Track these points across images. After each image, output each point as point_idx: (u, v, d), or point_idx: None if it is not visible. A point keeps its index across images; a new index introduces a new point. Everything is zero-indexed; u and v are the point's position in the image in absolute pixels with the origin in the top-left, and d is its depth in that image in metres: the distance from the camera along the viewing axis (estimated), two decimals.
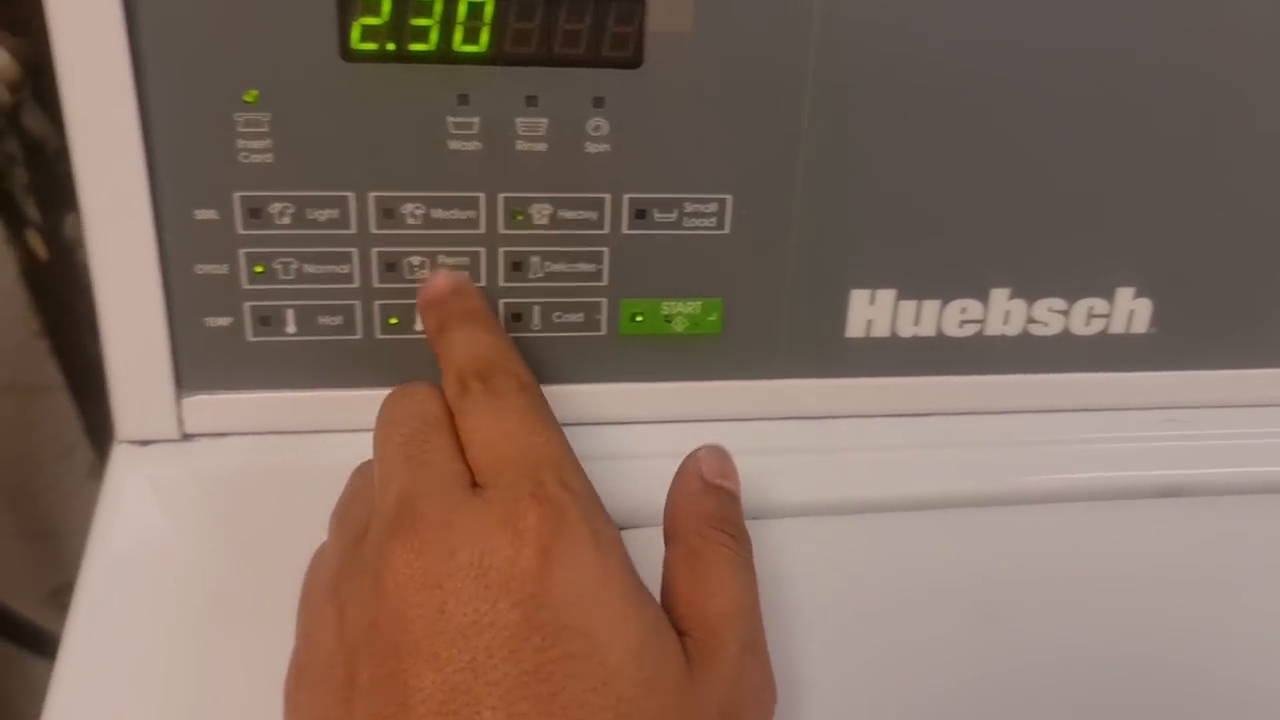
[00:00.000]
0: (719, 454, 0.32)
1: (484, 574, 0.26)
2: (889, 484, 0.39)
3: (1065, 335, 0.40)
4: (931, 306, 0.39)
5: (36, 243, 0.61)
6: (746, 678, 0.28)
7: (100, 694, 0.31)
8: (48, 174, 0.58)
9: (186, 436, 0.37)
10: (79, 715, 0.30)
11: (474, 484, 0.28)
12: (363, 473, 0.32)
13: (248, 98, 0.33)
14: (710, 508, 0.31)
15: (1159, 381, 0.41)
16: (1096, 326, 0.40)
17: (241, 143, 0.33)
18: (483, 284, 0.36)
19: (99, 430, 0.73)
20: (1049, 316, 0.40)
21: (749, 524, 0.37)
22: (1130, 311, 0.40)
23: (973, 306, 0.39)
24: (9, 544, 0.81)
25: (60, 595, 0.86)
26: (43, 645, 0.78)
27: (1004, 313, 0.40)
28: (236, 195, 0.34)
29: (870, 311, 0.39)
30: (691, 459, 0.32)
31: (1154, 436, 0.42)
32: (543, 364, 0.38)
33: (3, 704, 0.87)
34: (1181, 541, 0.38)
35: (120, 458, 0.37)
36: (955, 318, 0.39)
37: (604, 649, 0.25)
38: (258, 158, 0.34)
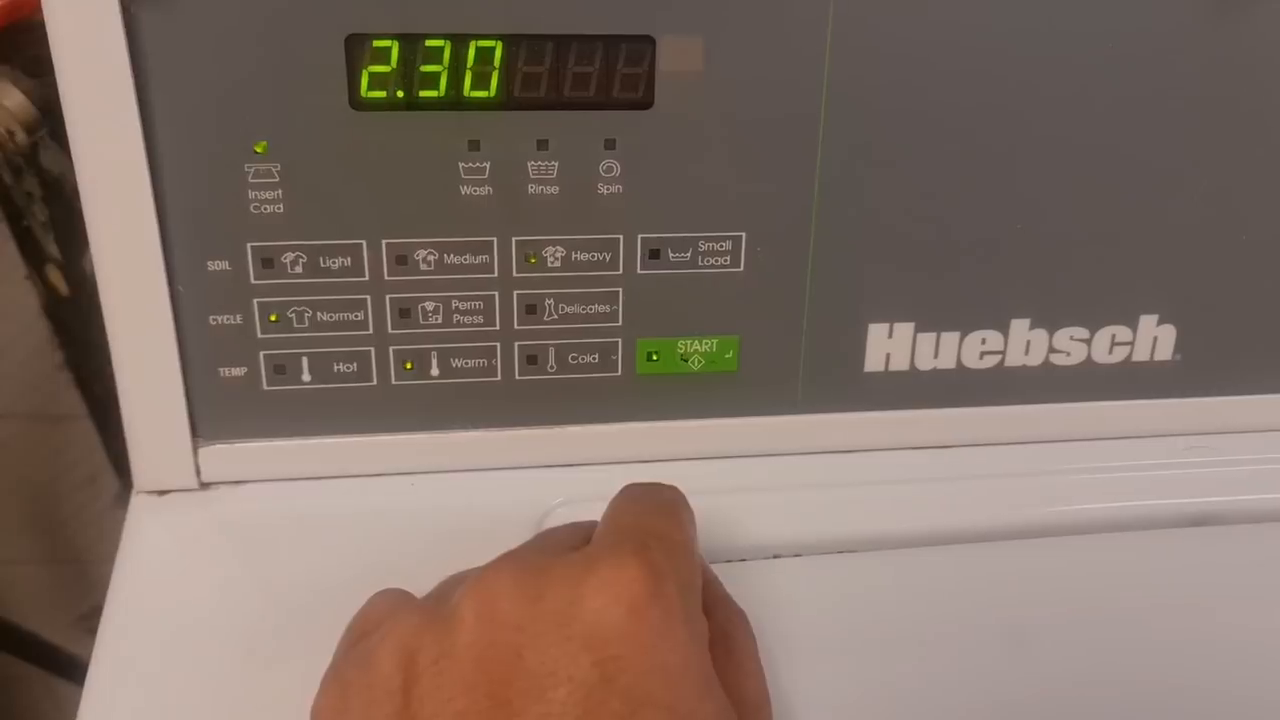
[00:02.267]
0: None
1: (567, 624, 0.25)
2: (912, 518, 0.39)
3: (1088, 364, 0.40)
4: (951, 339, 0.39)
5: (57, 278, 0.61)
6: None
7: None
8: (66, 211, 0.58)
9: (204, 485, 0.37)
10: None
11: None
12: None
13: (258, 148, 0.33)
14: (723, 592, 0.32)
15: (1184, 409, 0.41)
16: (1120, 355, 0.40)
17: (253, 193, 0.33)
18: (496, 327, 0.36)
19: (122, 458, 0.73)
20: (1071, 345, 0.39)
21: (771, 561, 0.37)
22: (1154, 339, 0.40)
23: (993, 338, 0.39)
24: (37, 571, 0.82)
25: (88, 620, 0.87)
26: (71, 669, 0.79)
27: (1025, 343, 0.39)
28: (249, 245, 0.34)
29: (888, 345, 0.38)
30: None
31: (1179, 464, 0.41)
32: (559, 405, 0.38)
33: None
34: (1209, 570, 0.38)
35: (139, 507, 0.37)
36: (975, 349, 0.39)
37: None
38: (269, 208, 0.34)
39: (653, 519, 0.29)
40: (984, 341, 0.39)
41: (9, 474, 0.76)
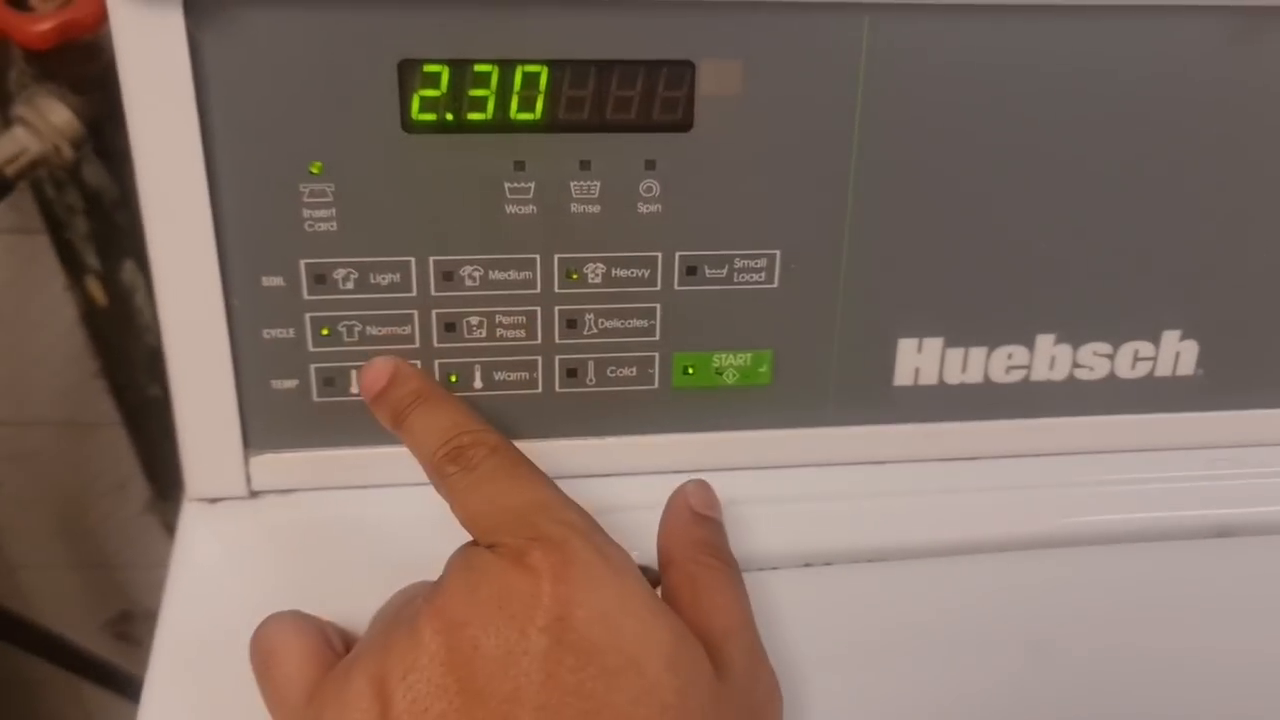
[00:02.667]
0: (704, 487, 0.35)
1: (506, 605, 0.27)
2: (940, 528, 0.40)
3: (1111, 378, 0.41)
4: (978, 354, 0.40)
5: (96, 289, 0.63)
6: (757, 684, 0.30)
7: None
8: (107, 223, 0.59)
9: (254, 494, 0.38)
10: None
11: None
12: None
13: (313, 169, 0.34)
14: (701, 535, 0.33)
15: (1206, 422, 0.42)
16: (1143, 369, 0.41)
17: (307, 212, 0.35)
18: (538, 341, 0.37)
19: (153, 465, 0.75)
20: (1095, 360, 0.40)
21: (802, 570, 0.38)
22: (1176, 354, 0.41)
23: (1019, 353, 0.40)
24: (66, 575, 0.83)
25: (115, 625, 0.88)
26: (98, 673, 0.80)
27: (1050, 358, 0.40)
28: (302, 262, 0.35)
29: (918, 360, 0.39)
30: (679, 493, 0.35)
31: (1202, 477, 0.42)
32: (597, 417, 0.39)
33: None
34: (1232, 582, 0.39)
35: (190, 515, 0.38)
36: (1002, 364, 0.40)
37: (639, 661, 0.27)
38: (322, 226, 0.35)
39: (512, 493, 0.30)
40: (1010, 356, 0.40)
41: (41, 480, 0.78)
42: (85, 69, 0.51)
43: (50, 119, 0.52)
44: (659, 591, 0.31)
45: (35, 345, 0.70)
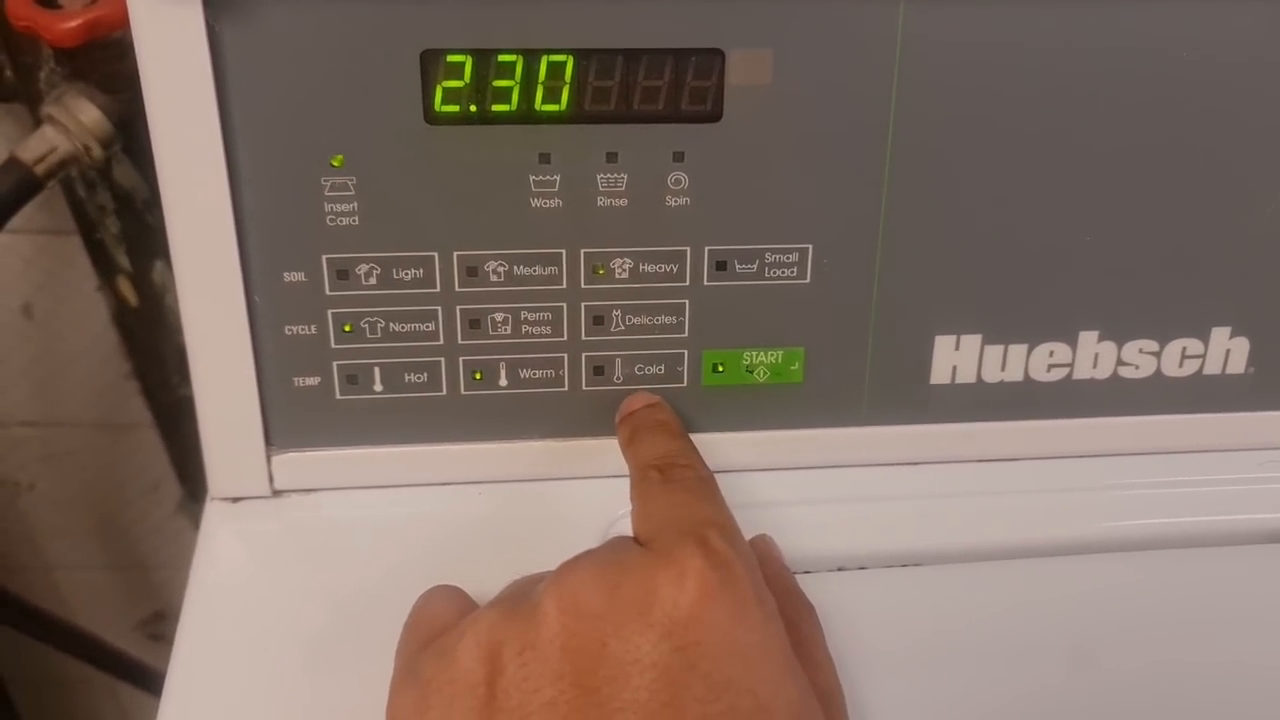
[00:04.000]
0: (773, 543, 0.35)
1: (647, 611, 0.25)
2: (978, 532, 0.38)
3: (1157, 377, 0.39)
4: (1018, 351, 0.38)
5: (127, 289, 0.63)
6: None
7: None
8: (137, 223, 0.59)
9: (277, 493, 0.38)
10: None
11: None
12: None
13: (334, 162, 0.34)
14: (792, 584, 0.32)
15: (1257, 423, 0.40)
16: (1190, 368, 0.39)
17: (329, 206, 0.34)
18: (564, 338, 0.37)
19: (185, 466, 0.75)
20: (1140, 358, 0.39)
21: (835, 574, 0.37)
22: (1226, 351, 0.39)
23: (1061, 350, 0.39)
24: (100, 576, 0.84)
25: (149, 625, 0.88)
26: (133, 673, 0.80)
27: (1093, 355, 0.39)
28: (324, 257, 0.35)
29: (955, 358, 0.38)
30: (760, 543, 0.34)
31: (1254, 479, 0.40)
32: None
33: None
34: None
35: (213, 514, 0.37)
36: (1043, 362, 0.39)
37: (768, 709, 0.25)
38: (344, 220, 0.34)
39: (697, 505, 0.30)
40: (1052, 354, 0.39)
41: (75, 480, 0.78)
42: (114, 67, 0.51)
43: (79, 118, 0.52)
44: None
45: (69, 346, 0.70)
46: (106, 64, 0.51)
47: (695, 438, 0.38)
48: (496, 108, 0.33)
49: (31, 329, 0.69)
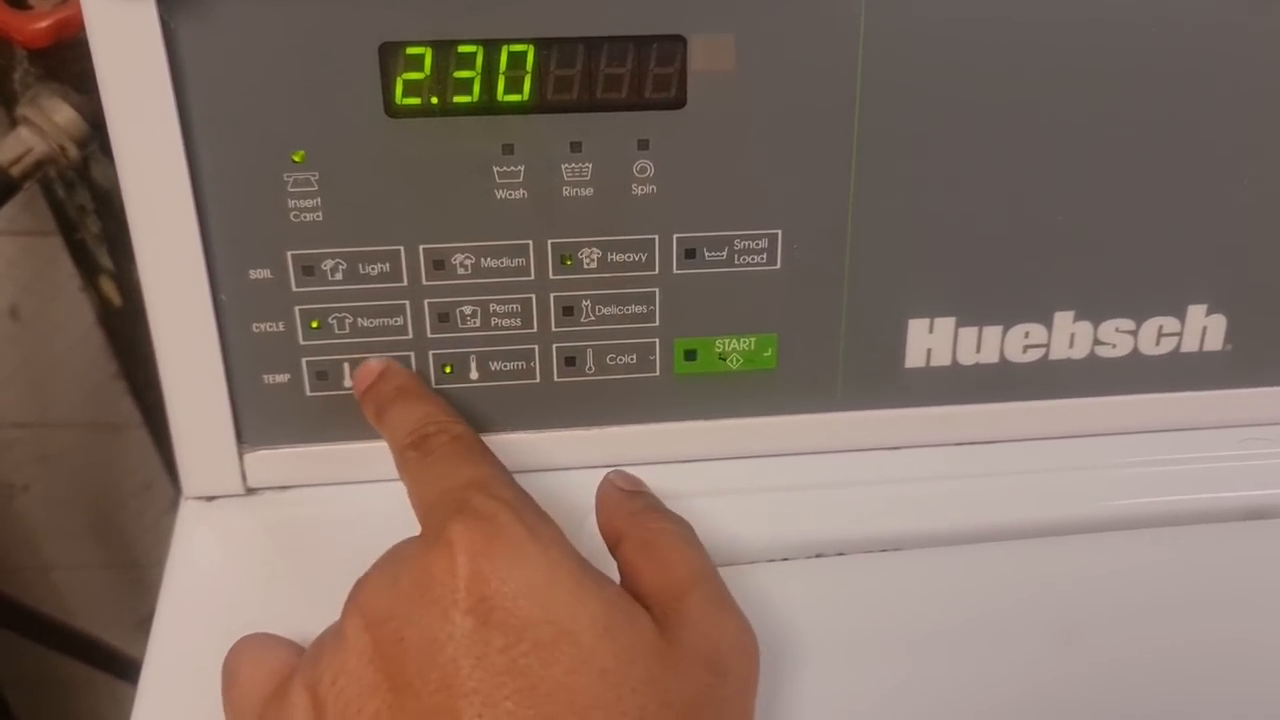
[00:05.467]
0: (625, 473, 0.35)
1: (427, 592, 0.26)
2: (956, 515, 0.38)
3: (1135, 356, 0.39)
4: (993, 333, 0.38)
5: (110, 289, 0.63)
6: (723, 629, 0.29)
7: None
8: (118, 223, 0.59)
9: (250, 490, 0.38)
10: None
11: None
12: None
13: (296, 158, 0.33)
14: (640, 505, 0.33)
15: (1236, 400, 0.40)
16: (1167, 346, 0.39)
17: (292, 202, 0.34)
18: (534, 330, 0.36)
19: (176, 465, 0.75)
20: (1117, 337, 0.39)
21: (814, 561, 0.37)
22: (1203, 329, 0.39)
23: (1036, 331, 0.38)
24: (98, 575, 0.84)
25: (148, 623, 0.88)
26: (133, 672, 0.80)
27: (1069, 336, 0.38)
28: (289, 254, 0.34)
29: (929, 340, 0.38)
30: (604, 481, 0.34)
31: (1233, 456, 0.40)
32: (598, 406, 0.38)
33: None
34: (1266, 566, 0.37)
35: (187, 513, 0.37)
36: (1018, 343, 0.38)
37: (572, 631, 0.26)
38: (308, 216, 0.34)
39: (453, 471, 0.30)
40: (1027, 335, 0.38)
41: (68, 482, 0.78)
42: (87, 66, 0.51)
43: (54, 118, 0.52)
44: (618, 578, 0.30)
45: (57, 347, 0.70)
46: (78, 63, 0.51)
47: (669, 427, 0.38)
48: (458, 99, 0.33)
49: (19, 331, 0.69)
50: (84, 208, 0.59)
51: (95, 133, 0.53)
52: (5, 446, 0.76)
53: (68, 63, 0.52)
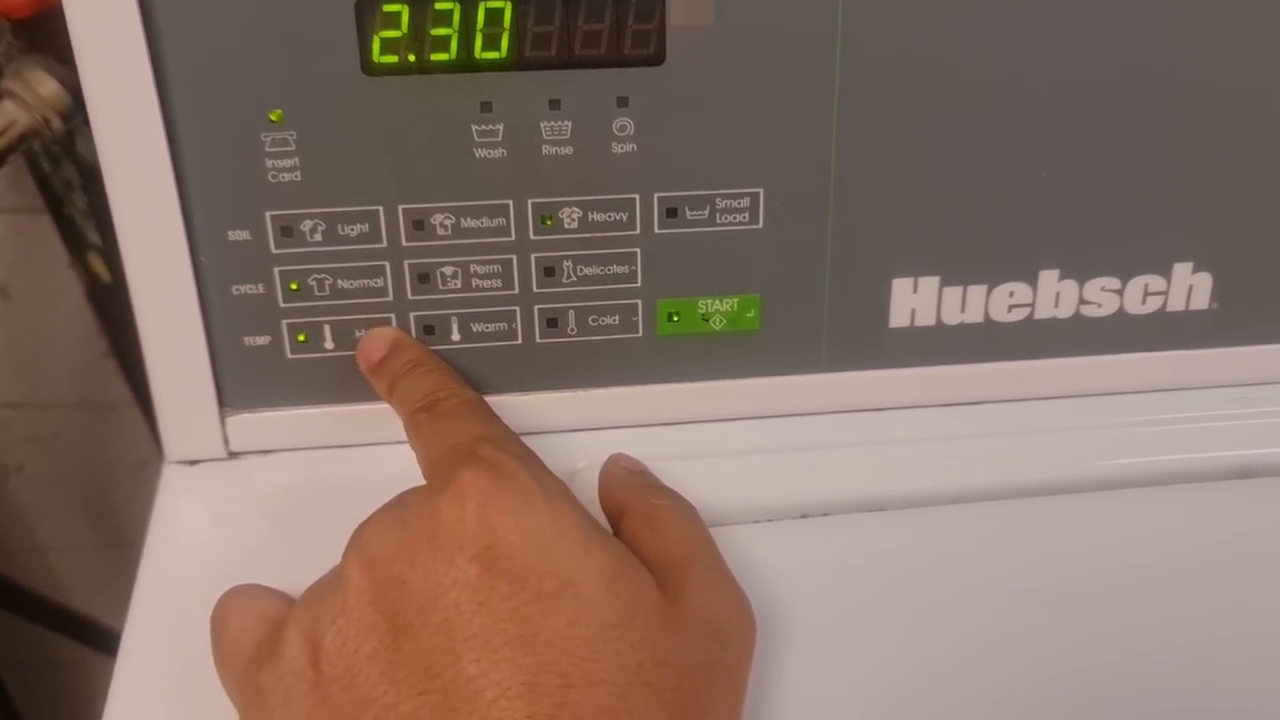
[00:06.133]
0: (627, 455, 0.36)
1: (434, 536, 0.26)
2: (941, 476, 0.38)
3: (1120, 315, 0.39)
4: (977, 292, 0.38)
5: (99, 265, 0.62)
6: (724, 598, 0.29)
7: (157, 706, 0.31)
8: (105, 198, 0.59)
9: (233, 455, 0.38)
10: None
11: None
12: None
13: (273, 117, 0.33)
14: (644, 482, 0.33)
15: (1224, 358, 0.40)
16: (1154, 305, 0.39)
17: (270, 162, 0.34)
18: (515, 291, 0.36)
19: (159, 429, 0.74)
20: (1102, 296, 0.39)
21: (803, 520, 0.36)
22: (1189, 287, 0.39)
23: (1021, 290, 0.38)
24: (93, 556, 0.84)
25: None
26: None
27: (1054, 295, 0.38)
28: (268, 215, 0.34)
29: (913, 300, 0.38)
30: (608, 461, 0.35)
31: (1221, 415, 0.40)
32: (580, 368, 0.37)
33: (95, 706, 0.89)
34: (1255, 525, 0.37)
35: (170, 478, 0.37)
36: (1003, 302, 0.38)
37: (576, 583, 0.26)
38: (286, 176, 0.34)
39: (463, 426, 0.31)
40: (1012, 294, 0.38)
41: (62, 462, 0.78)
42: (69, 39, 0.51)
43: (38, 90, 0.51)
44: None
45: (48, 326, 0.70)
46: (63, 34, 0.51)
47: (652, 389, 0.38)
48: (435, 57, 0.33)
49: (9, 310, 0.69)
50: (70, 183, 0.58)
51: (80, 105, 0.53)
52: None
53: (51, 35, 0.51)
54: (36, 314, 0.69)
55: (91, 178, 0.58)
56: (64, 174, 0.58)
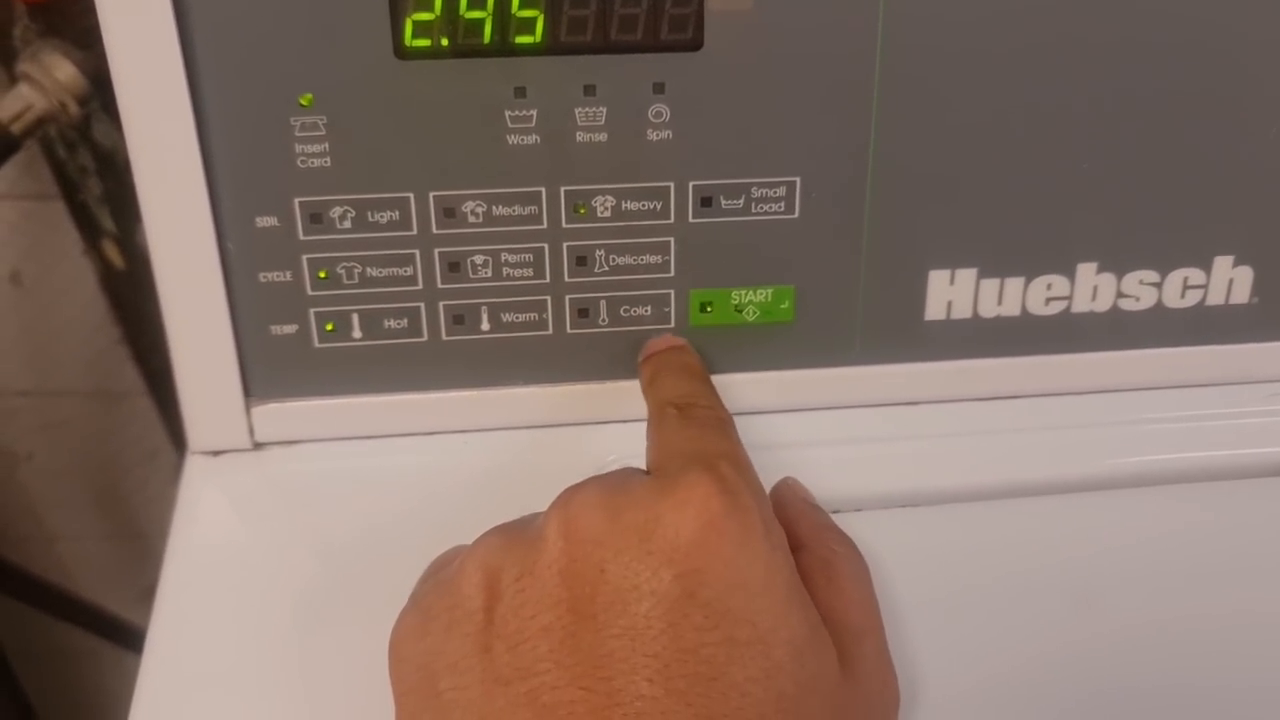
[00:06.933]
0: (799, 483, 0.35)
1: (648, 539, 0.25)
2: (977, 471, 0.37)
3: (1159, 309, 0.38)
4: (1015, 285, 0.37)
5: (113, 252, 0.62)
6: (887, 685, 0.28)
7: (184, 697, 0.31)
8: (120, 184, 0.58)
9: (258, 445, 0.37)
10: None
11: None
12: None
13: (303, 101, 0.33)
14: (822, 520, 0.32)
15: (1263, 354, 0.39)
16: (1193, 298, 0.38)
17: (299, 147, 0.33)
18: (547, 280, 0.36)
19: (181, 433, 0.74)
20: (1140, 290, 0.38)
21: (836, 515, 0.36)
22: (1229, 280, 0.38)
23: (1058, 283, 0.38)
24: (101, 546, 0.84)
25: (151, 593, 0.88)
26: (136, 641, 0.80)
27: (1092, 288, 0.38)
28: (296, 201, 0.34)
29: (950, 292, 0.37)
30: (785, 484, 0.34)
31: (1260, 412, 0.39)
32: (612, 358, 0.37)
33: (104, 696, 0.89)
34: None
35: (193, 468, 0.37)
36: (1040, 295, 0.38)
37: (768, 641, 0.25)
38: (316, 162, 0.33)
39: (712, 439, 0.30)
40: (1049, 287, 0.38)
41: (72, 451, 0.77)
42: (88, 22, 0.50)
43: (55, 74, 0.51)
44: None
45: (60, 313, 0.69)
46: (80, 18, 0.50)
47: None
48: (469, 41, 0.32)
49: (21, 297, 0.68)
50: (85, 168, 0.58)
51: (96, 90, 0.52)
52: (8, 415, 0.75)
53: (69, 19, 0.51)
54: (49, 302, 0.69)
55: (107, 163, 0.58)
56: (79, 160, 0.57)
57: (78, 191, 0.59)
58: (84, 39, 0.51)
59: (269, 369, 0.36)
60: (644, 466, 0.31)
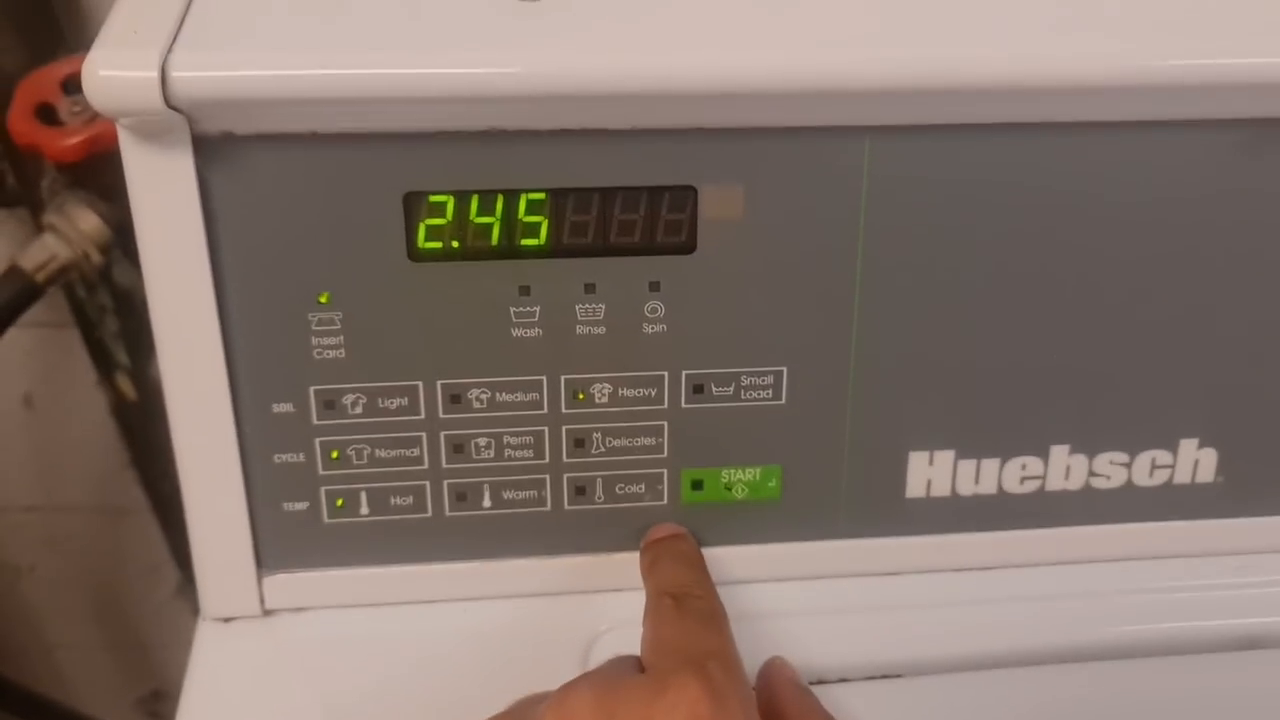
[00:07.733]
0: (788, 664, 0.36)
1: None
2: (956, 641, 0.39)
3: (1129, 487, 0.40)
4: (991, 465, 0.39)
5: (125, 384, 0.64)
6: None
7: None
8: (136, 321, 0.60)
9: (267, 612, 0.38)
10: None
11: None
12: None
13: (321, 299, 0.35)
14: (813, 704, 0.34)
15: (1229, 529, 0.41)
16: (1160, 477, 0.40)
17: (315, 340, 0.35)
18: (546, 460, 0.37)
19: (184, 551, 0.75)
20: (1111, 469, 0.40)
21: (816, 688, 0.37)
22: (1195, 461, 0.40)
23: (1033, 463, 0.39)
24: (100, 656, 0.84)
25: (148, 703, 0.88)
26: None
27: (1065, 468, 0.40)
28: (312, 389, 0.36)
29: (929, 472, 0.39)
30: (775, 663, 0.36)
31: (1227, 585, 0.41)
32: (607, 533, 0.39)
33: None
34: (1262, 696, 0.38)
35: (205, 634, 0.38)
36: (1015, 475, 0.39)
37: None
38: (331, 354, 0.35)
39: (704, 636, 0.31)
40: (1024, 467, 0.39)
41: (76, 563, 0.79)
42: (114, 177, 0.53)
43: (80, 226, 0.53)
44: None
45: (70, 434, 0.71)
46: (107, 174, 0.53)
47: None
48: (478, 243, 0.35)
49: (32, 418, 0.70)
50: (104, 307, 0.60)
51: (118, 237, 0.54)
52: (13, 529, 0.76)
53: (95, 172, 0.53)
54: (59, 423, 0.70)
55: (124, 301, 0.60)
56: (99, 299, 0.59)
57: (95, 328, 0.61)
58: (108, 192, 0.54)
59: (281, 542, 0.38)
60: (636, 633, 0.33)
